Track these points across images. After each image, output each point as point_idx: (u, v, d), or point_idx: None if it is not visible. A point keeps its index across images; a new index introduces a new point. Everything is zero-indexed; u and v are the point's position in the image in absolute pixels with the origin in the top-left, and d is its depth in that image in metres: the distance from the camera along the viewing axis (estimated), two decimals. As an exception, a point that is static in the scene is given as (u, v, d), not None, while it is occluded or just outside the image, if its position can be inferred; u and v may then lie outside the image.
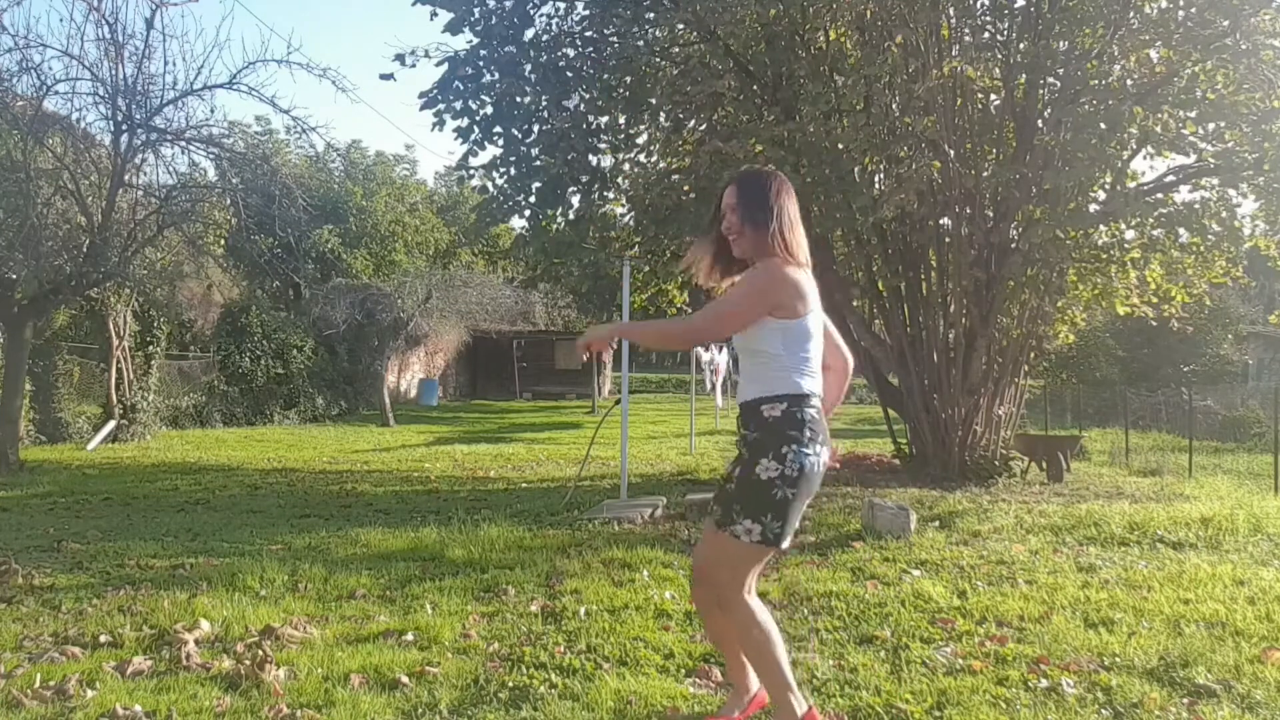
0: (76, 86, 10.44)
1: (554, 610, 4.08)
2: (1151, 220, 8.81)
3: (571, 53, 10.04)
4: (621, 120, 10.17)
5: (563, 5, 10.11)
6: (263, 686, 3.10)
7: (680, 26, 9.35)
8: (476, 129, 9.77)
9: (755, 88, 9.23)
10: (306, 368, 20.79)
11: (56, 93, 10.36)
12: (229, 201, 12.19)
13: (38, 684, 3.11)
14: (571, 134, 9.32)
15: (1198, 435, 14.50)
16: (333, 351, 22.05)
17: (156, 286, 13.95)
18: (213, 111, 30.15)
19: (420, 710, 2.96)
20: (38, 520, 7.07)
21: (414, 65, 9.73)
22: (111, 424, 14.17)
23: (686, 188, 9.43)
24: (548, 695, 3.07)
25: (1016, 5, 8.61)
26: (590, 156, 9.97)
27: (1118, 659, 3.42)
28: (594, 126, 10.07)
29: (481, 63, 9.62)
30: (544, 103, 9.54)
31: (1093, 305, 10.65)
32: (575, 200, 10.22)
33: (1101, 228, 9.17)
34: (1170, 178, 9.05)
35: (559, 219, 10.28)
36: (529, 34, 9.82)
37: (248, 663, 3.27)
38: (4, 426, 10.72)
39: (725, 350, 18.92)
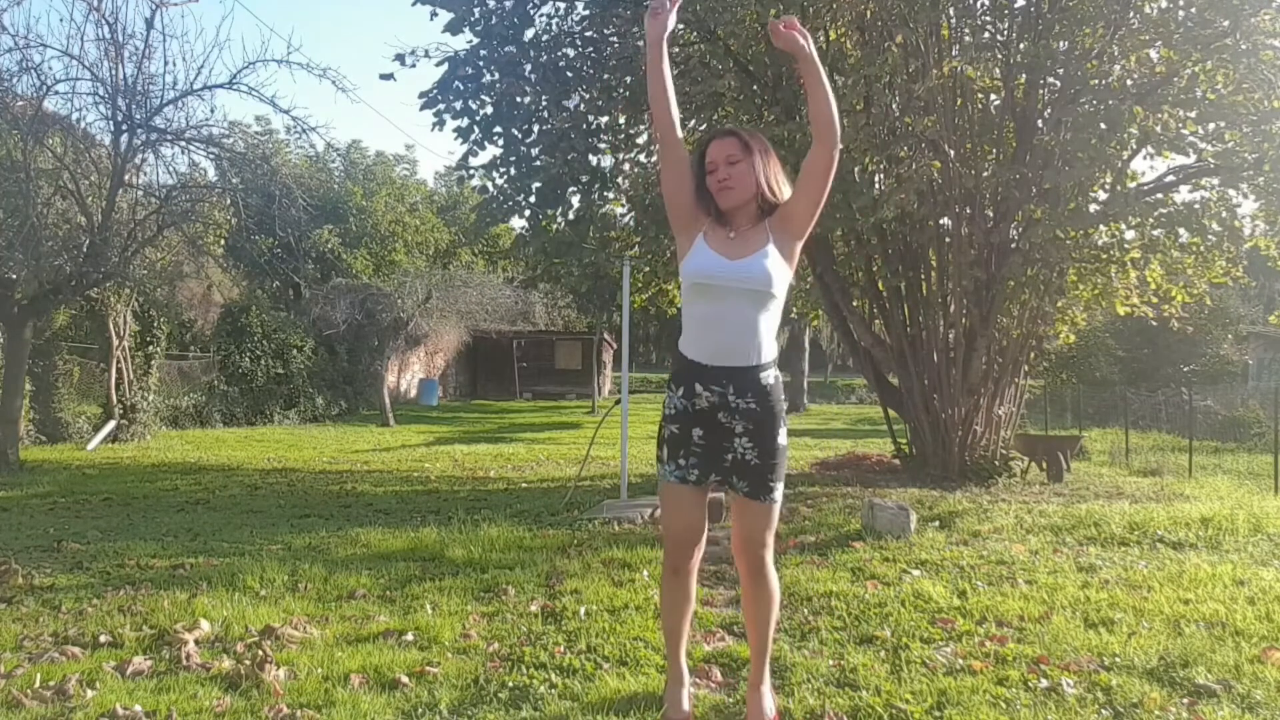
0: (76, 86, 10.47)
1: (554, 610, 4.08)
2: (1151, 220, 8.81)
3: (571, 53, 10.03)
4: (621, 120, 10.17)
5: (563, 5, 10.12)
6: (263, 686, 3.10)
7: (680, 26, 9.34)
8: (476, 129, 9.77)
9: (755, 88, 9.22)
10: (306, 368, 20.79)
11: (56, 93, 10.38)
12: (229, 201, 12.20)
13: (38, 684, 3.11)
14: (571, 134, 9.31)
15: (1198, 435, 14.52)
16: (333, 351, 22.05)
17: (156, 286, 13.98)
18: (213, 111, 30.29)
19: (420, 710, 2.96)
20: (38, 520, 7.07)
21: (414, 65, 9.74)
22: (111, 424, 14.16)
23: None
24: (548, 695, 3.07)
25: (1016, 5, 8.61)
26: (590, 156, 9.96)
27: (1118, 659, 3.42)
28: (594, 126, 10.06)
29: (481, 63, 9.62)
30: (544, 103, 9.54)
31: (1093, 305, 10.65)
32: (575, 200, 10.21)
33: (1101, 228, 9.17)
34: (1170, 178, 9.05)
35: (559, 219, 10.28)
36: (529, 34, 9.82)
37: (248, 663, 3.27)
38: (4, 426, 10.72)
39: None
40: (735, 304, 2.65)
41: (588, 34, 9.88)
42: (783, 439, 2.73)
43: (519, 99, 9.52)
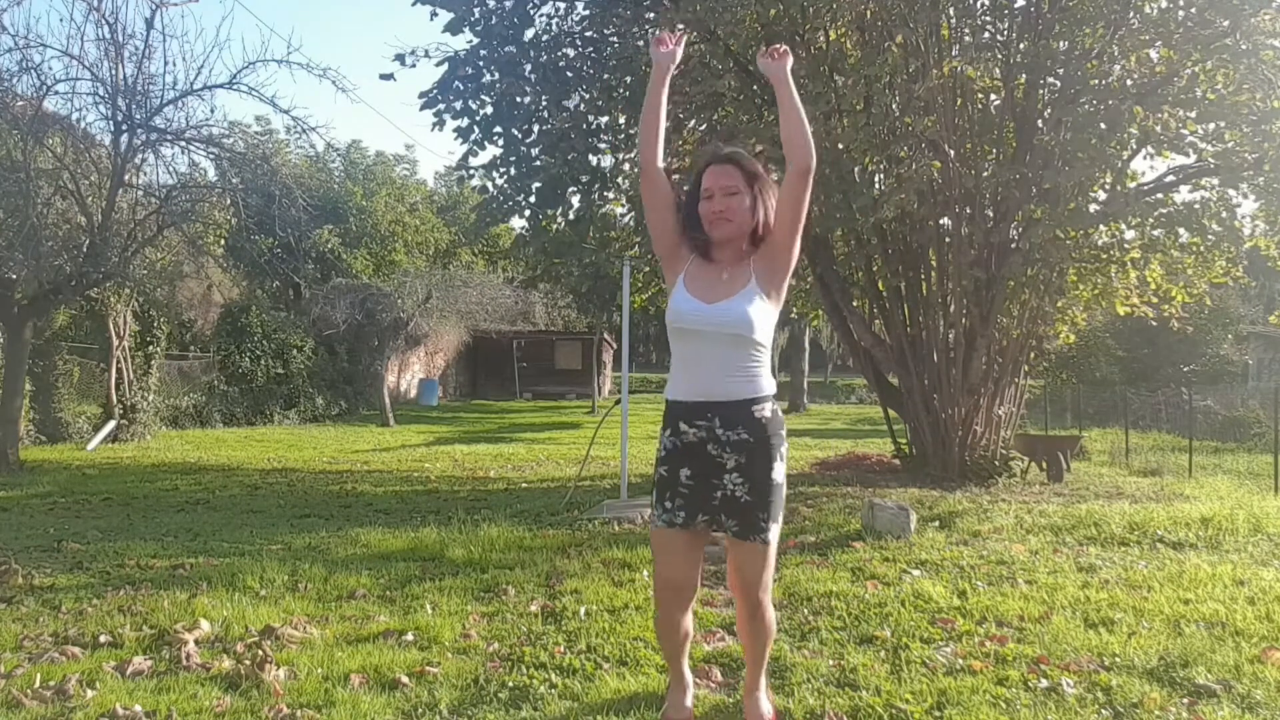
0: (76, 86, 10.46)
1: (554, 610, 4.08)
2: (1151, 220, 8.81)
3: (571, 53, 10.03)
4: (621, 120, 10.16)
5: (563, 5, 10.12)
6: (263, 686, 3.10)
7: (680, 26, 9.33)
8: (476, 129, 9.77)
9: (755, 88, 9.21)
10: (306, 368, 20.79)
11: (56, 93, 10.37)
12: (229, 201, 12.18)
13: (38, 684, 3.11)
14: (571, 134, 9.31)
15: (1198, 435, 14.51)
16: (333, 351, 22.05)
17: (156, 286, 13.95)
18: (213, 111, 30.22)
19: (420, 710, 2.96)
20: (38, 520, 7.07)
21: (414, 65, 9.75)
22: (111, 424, 14.16)
23: (686, 188, 9.43)
24: (548, 695, 3.07)
25: (1016, 5, 8.61)
26: (590, 156, 9.96)
27: (1118, 659, 3.42)
28: (594, 126, 10.06)
29: (481, 63, 9.62)
30: (544, 103, 9.54)
31: (1093, 305, 10.65)
32: (575, 200, 10.21)
33: (1101, 228, 9.17)
34: (1170, 178, 9.05)
35: (559, 219, 10.28)
36: (529, 34, 9.82)
37: (248, 663, 3.27)
38: (4, 426, 10.72)
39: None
40: (715, 347, 2.57)
41: (588, 34, 9.88)
42: (778, 475, 2.59)
43: (519, 99, 9.52)
